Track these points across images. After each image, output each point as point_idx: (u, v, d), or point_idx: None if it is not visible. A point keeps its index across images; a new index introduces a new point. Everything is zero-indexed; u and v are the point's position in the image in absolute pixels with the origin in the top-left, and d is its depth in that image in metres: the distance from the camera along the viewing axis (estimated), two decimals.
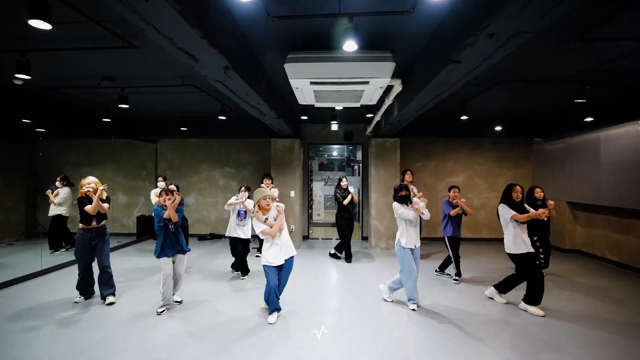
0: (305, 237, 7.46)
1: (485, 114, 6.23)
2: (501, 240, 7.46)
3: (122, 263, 5.40)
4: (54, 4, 2.16)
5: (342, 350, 2.66)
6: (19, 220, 7.08)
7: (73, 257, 5.20)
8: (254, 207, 3.17)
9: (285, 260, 3.23)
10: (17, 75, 2.98)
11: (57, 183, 5.80)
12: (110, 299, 3.61)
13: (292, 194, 6.58)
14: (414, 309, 3.44)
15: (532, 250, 3.37)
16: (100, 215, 3.61)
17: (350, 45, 2.32)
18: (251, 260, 5.02)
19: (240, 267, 4.61)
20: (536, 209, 3.56)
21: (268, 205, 3.15)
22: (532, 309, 3.37)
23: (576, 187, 5.84)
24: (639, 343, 2.78)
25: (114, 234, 7.23)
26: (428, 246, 6.55)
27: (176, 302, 3.62)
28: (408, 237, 3.41)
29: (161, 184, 5.65)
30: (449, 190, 4.53)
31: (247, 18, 2.60)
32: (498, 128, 6.26)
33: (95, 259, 3.65)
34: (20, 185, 7.12)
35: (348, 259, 5.47)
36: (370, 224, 6.60)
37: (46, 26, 1.98)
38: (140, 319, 3.22)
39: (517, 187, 3.46)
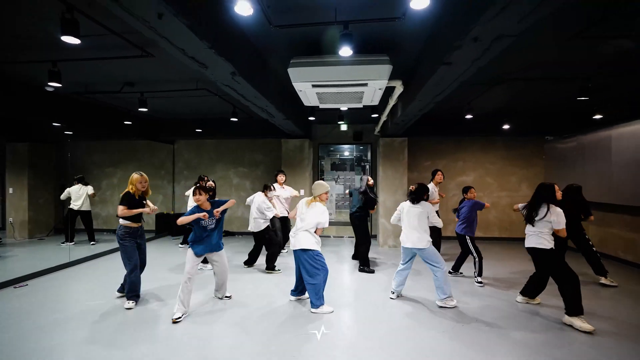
0: None
1: (495, 112, 6.23)
2: (513, 239, 7.41)
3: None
4: (81, 19, 2.44)
5: (341, 350, 2.65)
6: (49, 216, 7.64)
7: (95, 252, 5.68)
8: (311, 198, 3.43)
9: (295, 251, 3.38)
10: (49, 84, 3.33)
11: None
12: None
13: (302, 192, 6.78)
14: (392, 298, 3.70)
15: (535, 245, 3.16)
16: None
17: (345, 51, 2.49)
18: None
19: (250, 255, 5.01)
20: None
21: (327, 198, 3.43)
22: (574, 320, 2.97)
23: (589, 186, 5.74)
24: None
25: None
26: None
27: (226, 297, 3.65)
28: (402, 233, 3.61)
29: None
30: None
31: (251, 27, 2.82)
32: (506, 127, 6.24)
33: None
34: (50, 184, 7.67)
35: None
36: (379, 222, 6.72)
37: (76, 41, 2.26)
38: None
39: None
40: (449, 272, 4.56)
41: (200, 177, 5.10)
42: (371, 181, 4.96)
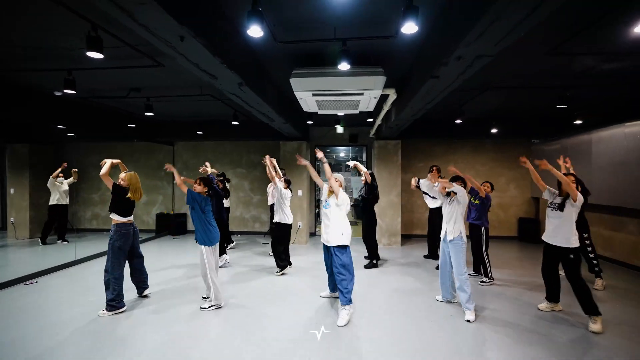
0: (312, 234, 7.89)
1: (484, 116, 6.55)
2: (500, 237, 7.67)
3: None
4: (99, 33, 2.66)
5: (341, 350, 2.66)
6: None
7: (101, 250, 5.84)
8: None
9: (327, 245, 3.28)
10: (64, 91, 3.52)
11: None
12: (147, 290, 3.83)
13: (300, 192, 7.02)
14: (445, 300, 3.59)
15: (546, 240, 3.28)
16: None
17: (343, 66, 2.75)
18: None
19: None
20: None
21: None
22: (590, 323, 3.01)
23: None
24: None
25: None
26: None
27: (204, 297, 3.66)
28: None
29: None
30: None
31: (258, 42, 3.06)
32: (494, 130, 6.57)
33: (135, 253, 3.70)
34: None
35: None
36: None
37: (100, 56, 2.48)
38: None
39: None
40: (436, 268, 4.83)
41: (223, 174, 5.87)
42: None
